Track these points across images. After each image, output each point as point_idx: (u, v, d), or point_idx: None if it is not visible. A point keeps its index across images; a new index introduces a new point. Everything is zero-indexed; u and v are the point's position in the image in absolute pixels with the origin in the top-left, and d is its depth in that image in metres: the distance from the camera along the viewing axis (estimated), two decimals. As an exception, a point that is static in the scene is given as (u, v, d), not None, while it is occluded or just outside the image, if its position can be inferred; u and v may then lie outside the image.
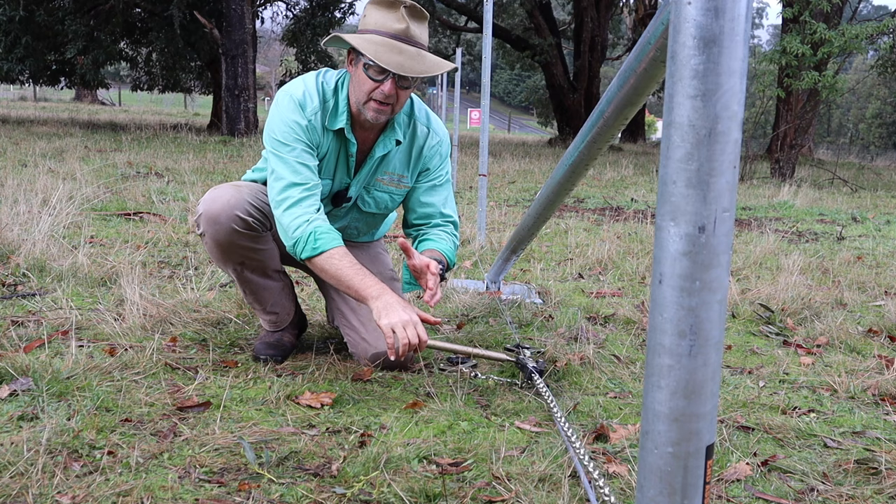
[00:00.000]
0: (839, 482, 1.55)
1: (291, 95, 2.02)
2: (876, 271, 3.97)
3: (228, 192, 2.03)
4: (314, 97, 2.02)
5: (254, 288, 2.17)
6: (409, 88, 2.01)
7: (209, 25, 13.69)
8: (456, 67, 2.06)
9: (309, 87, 2.04)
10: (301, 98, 2.01)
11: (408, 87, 1.99)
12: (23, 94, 35.37)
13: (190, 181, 6.18)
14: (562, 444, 1.66)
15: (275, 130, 2.01)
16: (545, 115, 35.80)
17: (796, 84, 9.80)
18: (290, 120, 2.00)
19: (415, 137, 2.18)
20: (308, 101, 2.02)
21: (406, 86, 1.98)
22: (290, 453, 1.56)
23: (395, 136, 2.12)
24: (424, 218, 2.25)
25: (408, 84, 1.98)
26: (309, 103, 2.02)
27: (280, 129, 2.00)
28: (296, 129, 2.00)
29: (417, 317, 1.90)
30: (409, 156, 2.19)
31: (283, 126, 2.00)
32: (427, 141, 2.19)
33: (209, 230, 2.03)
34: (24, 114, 17.84)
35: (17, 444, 1.48)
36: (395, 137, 2.12)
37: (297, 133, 1.99)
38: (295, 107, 2.01)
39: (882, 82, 30.71)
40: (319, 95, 2.03)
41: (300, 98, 2.01)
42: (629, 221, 5.65)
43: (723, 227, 0.67)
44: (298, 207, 1.96)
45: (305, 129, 2.00)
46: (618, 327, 2.74)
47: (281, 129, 2.00)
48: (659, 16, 1.15)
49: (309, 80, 2.06)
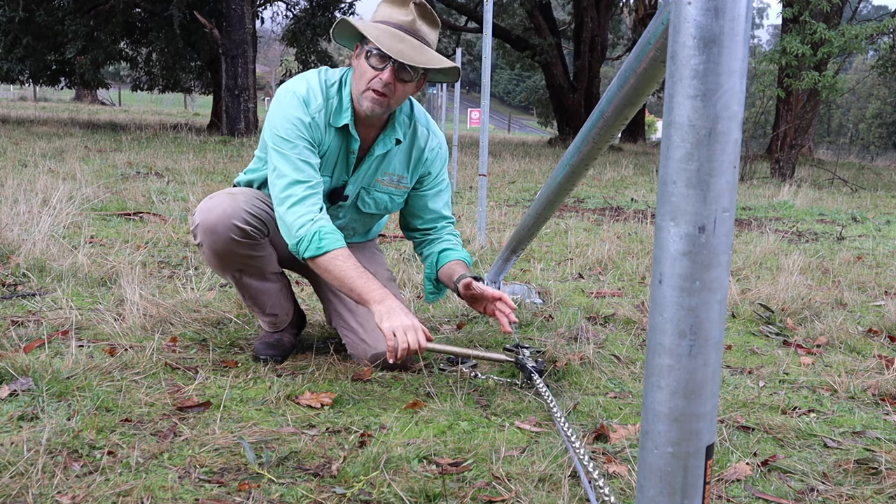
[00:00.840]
0: (839, 482, 1.55)
1: (295, 92, 2.01)
2: (876, 271, 3.97)
3: (225, 201, 2.01)
4: (318, 94, 2.02)
5: (253, 293, 2.16)
6: (409, 83, 1.99)
7: (209, 25, 13.68)
8: (457, 67, 2.05)
9: (312, 84, 2.03)
10: (305, 95, 2.01)
11: (408, 81, 1.98)
12: (23, 94, 35.37)
13: (190, 181, 6.18)
14: (562, 444, 1.66)
15: (277, 127, 2.00)
16: (545, 115, 35.80)
17: (796, 84, 9.81)
18: (294, 116, 1.99)
19: (415, 138, 2.18)
20: (312, 99, 2.01)
21: (406, 79, 1.97)
22: (290, 453, 1.56)
23: (395, 134, 2.12)
24: (431, 223, 2.29)
25: (408, 77, 1.97)
26: (313, 100, 2.01)
27: (283, 125, 1.99)
28: (299, 126, 1.99)
29: (419, 324, 1.92)
30: (409, 157, 2.19)
31: (286, 123, 1.99)
32: (427, 143, 2.19)
33: (206, 241, 2.01)
34: (24, 114, 17.85)
35: (17, 444, 1.48)
36: (395, 136, 2.12)
37: (300, 130, 1.99)
38: (299, 103, 2.00)
39: (882, 82, 30.72)
40: (323, 93, 2.03)
41: (304, 95, 2.01)
42: (629, 221, 5.65)
43: (723, 227, 0.67)
44: (302, 206, 1.95)
45: (308, 126, 1.99)
46: (618, 327, 2.74)
47: (284, 126, 1.99)
48: (659, 16, 1.15)
49: (312, 77, 2.05)
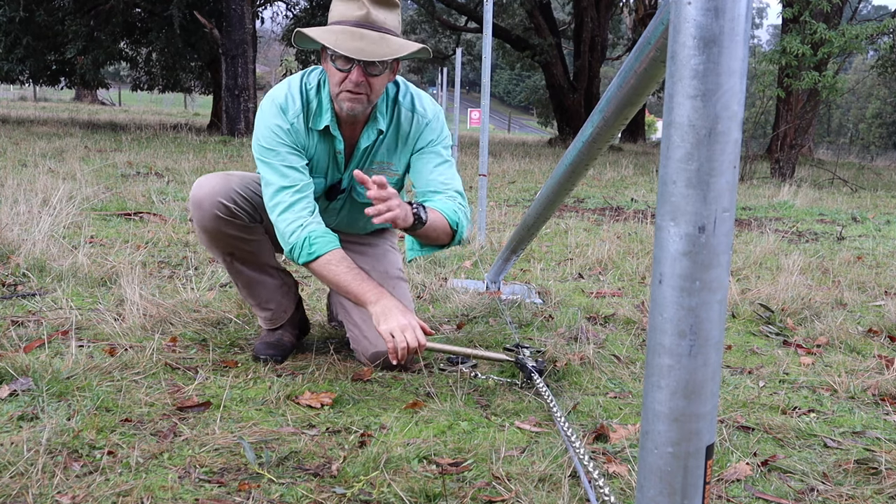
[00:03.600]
0: (839, 482, 1.55)
1: (273, 100, 2.04)
2: (876, 271, 3.97)
3: (216, 179, 2.06)
4: (296, 100, 2.03)
5: (246, 281, 2.17)
6: (381, 75, 1.97)
7: (209, 25, 13.68)
8: (425, 47, 1.99)
9: (292, 89, 2.05)
10: (283, 102, 2.03)
11: (378, 74, 1.95)
12: (23, 94, 35.36)
13: (190, 181, 6.18)
14: (562, 444, 1.66)
15: (259, 137, 2.04)
16: (545, 115, 35.77)
17: (796, 84, 9.80)
18: (273, 125, 2.02)
19: (399, 124, 2.13)
20: (290, 105, 2.03)
21: (375, 73, 1.94)
22: (290, 453, 1.56)
23: (376, 126, 2.09)
24: (431, 193, 2.11)
25: (377, 71, 1.94)
26: (291, 106, 2.03)
27: (264, 134, 2.03)
28: (279, 133, 2.01)
29: (416, 321, 1.92)
30: (395, 143, 2.15)
31: (267, 132, 2.02)
32: (413, 126, 2.13)
33: (195, 215, 2.06)
34: (24, 114, 17.84)
35: (17, 444, 1.48)
36: (376, 128, 2.09)
37: (281, 137, 2.01)
38: (277, 111, 2.03)
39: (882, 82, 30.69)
40: (302, 97, 2.04)
41: (282, 102, 2.03)
42: (629, 221, 5.65)
43: (723, 227, 0.67)
44: (291, 212, 1.98)
45: (288, 132, 2.02)
46: (618, 327, 2.73)
47: (265, 136, 2.03)
48: (659, 16, 1.15)
49: (293, 82, 2.07)
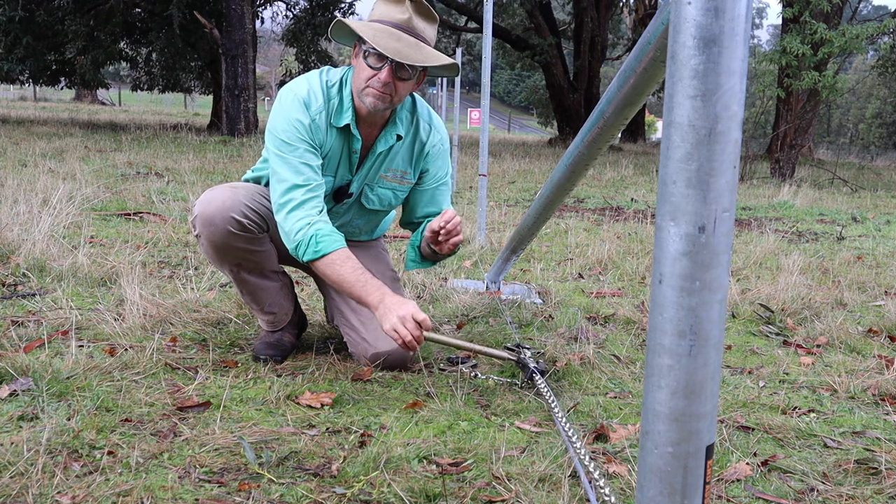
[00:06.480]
0: (839, 482, 1.55)
1: (296, 94, 2.01)
2: (876, 271, 3.97)
3: (224, 193, 2.02)
4: (318, 95, 2.02)
5: (251, 288, 2.17)
6: (409, 81, 2.00)
7: (209, 25, 13.68)
8: (455, 63, 2.04)
9: (313, 85, 2.03)
10: (306, 96, 2.01)
11: (406, 80, 1.98)
12: (23, 94, 35.37)
13: (190, 181, 6.18)
14: (562, 444, 1.66)
15: (278, 129, 2.00)
16: (545, 115, 35.76)
17: (796, 84, 9.81)
18: (294, 119, 1.99)
19: (417, 134, 2.18)
20: (313, 100, 2.01)
21: (404, 77, 1.97)
22: (290, 453, 1.56)
23: (396, 130, 2.11)
24: (430, 217, 2.28)
25: (406, 76, 1.97)
26: (314, 102, 2.01)
27: (283, 127, 1.99)
28: (299, 128, 1.99)
29: (413, 307, 1.91)
30: (411, 152, 2.19)
31: (287, 125, 1.99)
32: (430, 138, 2.19)
33: (204, 232, 2.02)
34: (24, 114, 17.84)
35: (17, 444, 1.48)
36: (396, 132, 2.11)
37: (301, 132, 1.99)
38: (299, 105, 2.00)
39: (882, 82, 30.71)
40: (324, 93, 2.03)
41: (304, 96, 2.01)
42: (629, 221, 5.65)
43: (723, 227, 0.67)
44: (300, 210, 1.96)
45: (309, 127, 2.00)
46: (618, 327, 2.73)
47: (284, 129, 1.99)
48: (659, 16, 1.15)
49: (313, 78, 2.05)
